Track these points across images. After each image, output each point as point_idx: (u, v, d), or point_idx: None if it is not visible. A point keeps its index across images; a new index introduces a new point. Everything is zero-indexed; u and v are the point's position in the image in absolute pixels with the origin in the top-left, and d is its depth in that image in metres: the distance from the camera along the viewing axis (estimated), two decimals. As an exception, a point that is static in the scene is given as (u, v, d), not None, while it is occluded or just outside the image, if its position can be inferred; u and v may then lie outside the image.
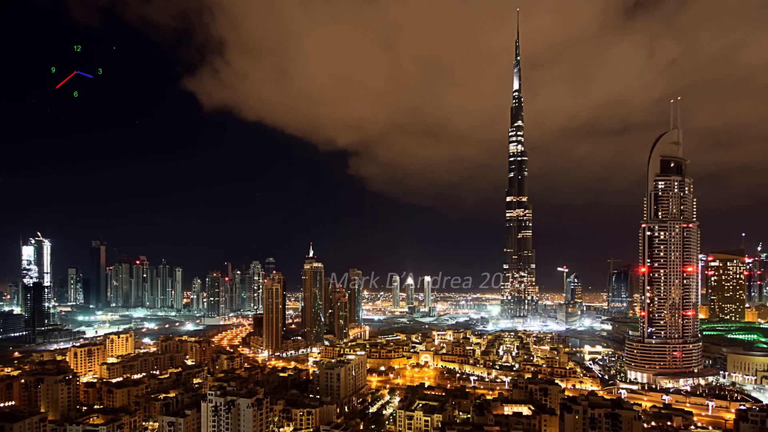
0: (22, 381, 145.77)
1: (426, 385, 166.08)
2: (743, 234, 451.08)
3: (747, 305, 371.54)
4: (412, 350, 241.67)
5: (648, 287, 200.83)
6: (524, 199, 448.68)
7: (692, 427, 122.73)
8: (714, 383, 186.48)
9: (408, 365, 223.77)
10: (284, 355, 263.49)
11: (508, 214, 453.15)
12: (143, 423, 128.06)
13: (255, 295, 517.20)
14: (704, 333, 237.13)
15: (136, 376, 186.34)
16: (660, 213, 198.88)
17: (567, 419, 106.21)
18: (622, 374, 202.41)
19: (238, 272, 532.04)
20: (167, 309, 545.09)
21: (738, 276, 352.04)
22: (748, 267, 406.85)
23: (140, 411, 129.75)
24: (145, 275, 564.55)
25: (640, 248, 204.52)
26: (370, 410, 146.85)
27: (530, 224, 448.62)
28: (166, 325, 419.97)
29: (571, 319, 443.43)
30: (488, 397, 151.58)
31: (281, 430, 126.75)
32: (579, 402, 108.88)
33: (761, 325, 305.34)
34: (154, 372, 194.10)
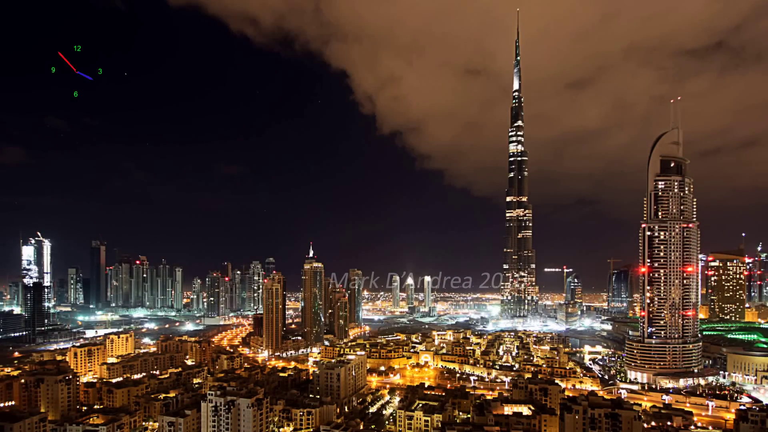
0: (22, 381, 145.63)
1: (426, 385, 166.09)
2: (743, 234, 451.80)
3: (747, 305, 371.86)
4: (412, 350, 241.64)
5: (648, 287, 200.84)
6: (524, 199, 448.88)
7: (692, 427, 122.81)
8: (714, 383, 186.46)
9: (408, 365, 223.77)
10: (284, 355, 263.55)
11: (508, 214, 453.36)
12: (143, 423, 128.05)
13: (255, 295, 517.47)
14: (704, 333, 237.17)
15: (136, 376, 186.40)
16: (660, 213, 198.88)
17: (567, 419, 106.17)
18: (622, 374, 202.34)
19: (238, 272, 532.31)
20: (167, 309, 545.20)
21: (738, 276, 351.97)
22: (748, 267, 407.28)
23: (140, 411, 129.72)
24: (145, 275, 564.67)
25: (640, 248, 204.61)
26: (370, 410, 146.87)
27: (530, 224, 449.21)
28: (166, 325, 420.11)
29: (571, 319, 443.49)
30: (488, 397, 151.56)
31: (281, 430, 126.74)
32: (579, 402, 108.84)
33: (761, 325, 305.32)
34: (154, 372, 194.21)
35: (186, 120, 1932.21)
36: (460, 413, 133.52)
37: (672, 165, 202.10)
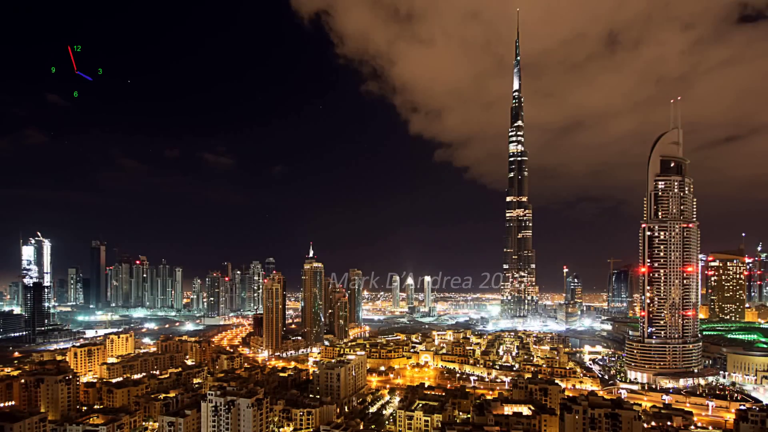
0: (22, 381, 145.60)
1: (426, 385, 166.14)
2: (743, 234, 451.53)
3: (747, 305, 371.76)
4: (412, 350, 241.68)
5: (648, 287, 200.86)
6: (524, 199, 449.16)
7: (692, 427, 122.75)
8: (714, 383, 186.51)
9: (408, 365, 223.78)
10: (284, 355, 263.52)
11: (508, 214, 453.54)
12: (143, 423, 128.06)
13: (255, 295, 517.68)
14: (704, 333, 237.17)
15: (136, 376, 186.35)
16: (660, 213, 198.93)
17: (567, 419, 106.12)
18: (622, 374, 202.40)
19: (238, 272, 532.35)
20: (167, 309, 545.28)
21: (738, 276, 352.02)
22: (748, 267, 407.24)
23: (140, 411, 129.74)
24: (145, 275, 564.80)
25: (640, 248, 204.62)
26: (370, 410, 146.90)
27: (530, 224, 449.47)
28: (166, 325, 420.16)
29: (571, 319, 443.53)
30: (488, 397, 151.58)
31: (281, 430, 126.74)
32: (579, 402, 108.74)
33: (761, 325, 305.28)
34: (154, 372, 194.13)
35: (185, 113, 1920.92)
36: (460, 413, 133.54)
37: (672, 165, 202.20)
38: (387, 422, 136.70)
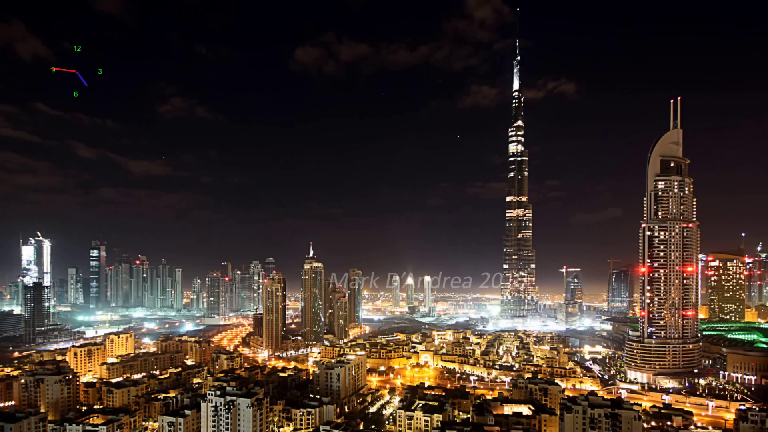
0: (22, 381, 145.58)
1: (426, 385, 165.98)
2: (743, 234, 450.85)
3: (747, 305, 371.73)
4: (412, 350, 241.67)
5: (648, 287, 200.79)
6: (524, 199, 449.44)
7: (692, 427, 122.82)
8: (714, 383, 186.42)
9: (408, 365, 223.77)
10: (284, 355, 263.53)
11: (508, 214, 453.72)
12: (143, 423, 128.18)
13: (255, 295, 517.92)
14: (704, 333, 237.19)
15: (136, 376, 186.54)
16: (660, 213, 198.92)
17: (567, 419, 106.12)
18: (622, 374, 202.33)
19: (238, 272, 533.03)
20: (167, 309, 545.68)
21: (738, 276, 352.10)
22: (748, 267, 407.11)
23: (140, 411, 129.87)
24: (145, 275, 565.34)
25: (640, 248, 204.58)
26: (370, 410, 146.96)
27: (530, 224, 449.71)
28: (166, 325, 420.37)
29: (571, 319, 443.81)
30: (488, 397, 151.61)
31: (281, 430, 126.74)
32: (579, 402, 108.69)
33: (761, 325, 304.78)
34: (154, 372, 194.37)
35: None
36: (460, 413, 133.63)
37: (672, 165, 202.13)
38: (387, 422, 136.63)
